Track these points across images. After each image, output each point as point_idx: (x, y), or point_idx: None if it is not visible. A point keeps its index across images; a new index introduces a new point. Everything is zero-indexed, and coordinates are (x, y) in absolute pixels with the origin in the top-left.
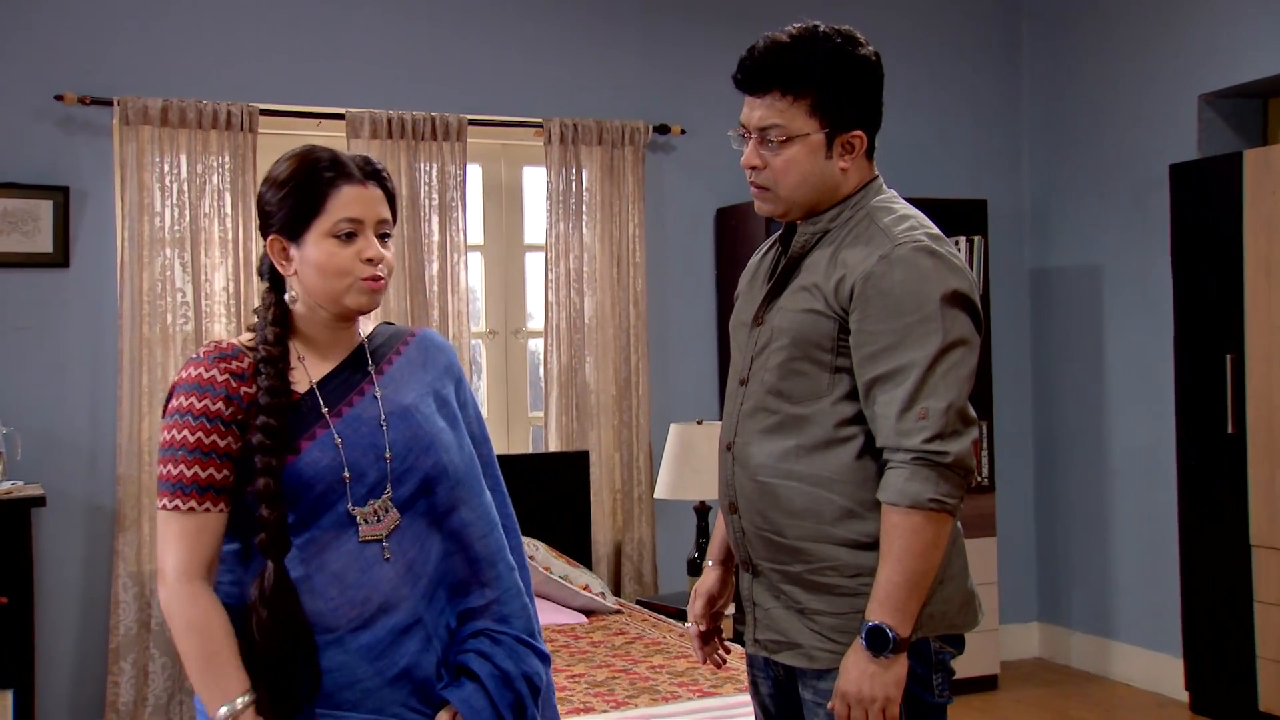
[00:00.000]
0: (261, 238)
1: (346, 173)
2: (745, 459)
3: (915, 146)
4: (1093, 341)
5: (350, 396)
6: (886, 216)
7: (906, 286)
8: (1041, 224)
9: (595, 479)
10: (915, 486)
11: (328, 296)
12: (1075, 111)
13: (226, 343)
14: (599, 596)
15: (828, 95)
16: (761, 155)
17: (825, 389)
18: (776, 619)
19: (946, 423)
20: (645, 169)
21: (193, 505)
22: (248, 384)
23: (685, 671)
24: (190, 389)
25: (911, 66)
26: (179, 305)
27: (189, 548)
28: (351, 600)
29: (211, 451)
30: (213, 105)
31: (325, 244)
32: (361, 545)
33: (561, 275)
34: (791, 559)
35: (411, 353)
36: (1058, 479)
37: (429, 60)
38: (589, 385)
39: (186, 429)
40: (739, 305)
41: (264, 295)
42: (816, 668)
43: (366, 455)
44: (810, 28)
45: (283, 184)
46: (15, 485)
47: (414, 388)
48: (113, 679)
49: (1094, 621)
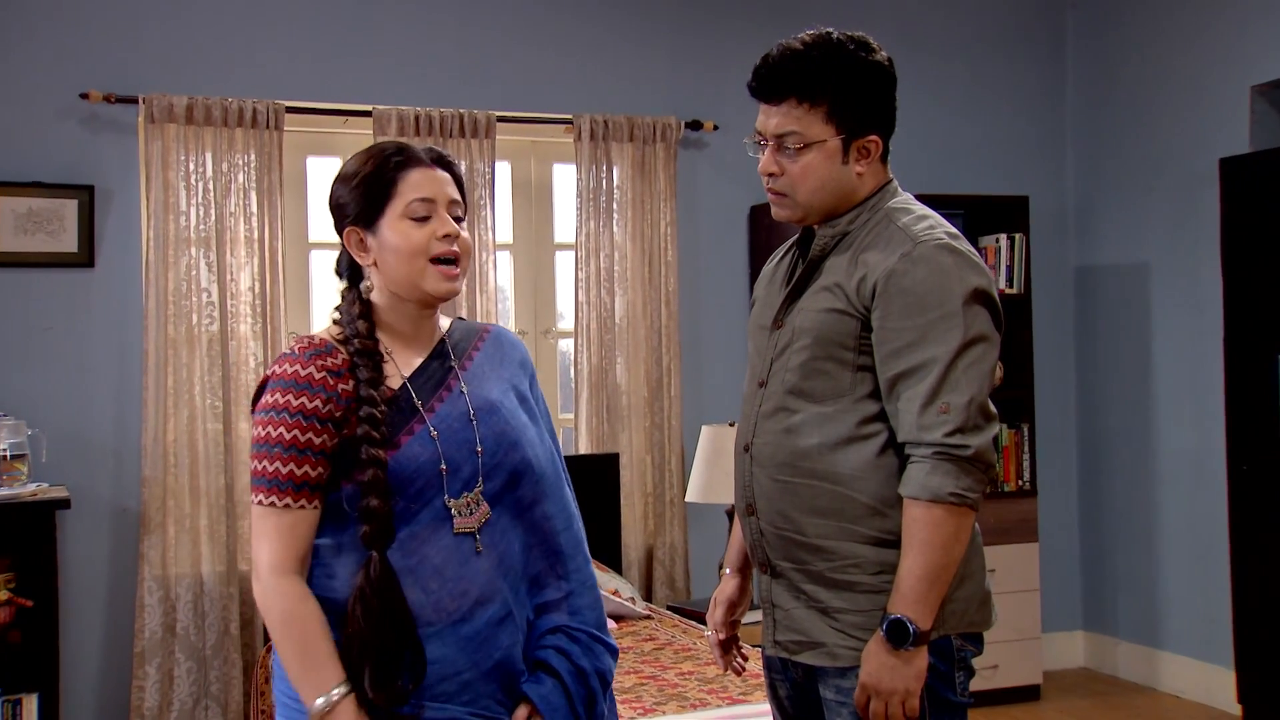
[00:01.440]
0: (338, 235)
1: (414, 156)
2: (765, 459)
3: (954, 142)
4: (1139, 342)
5: (440, 391)
6: (905, 217)
7: (929, 284)
8: (1086, 221)
9: (626, 482)
10: (936, 480)
11: (408, 280)
12: (1121, 104)
13: (319, 338)
14: (628, 602)
15: (843, 101)
16: (779, 162)
17: (848, 387)
18: (797, 619)
19: (968, 417)
20: (677, 166)
21: (288, 502)
22: (344, 380)
23: (715, 678)
24: (287, 385)
25: (949, 60)
26: (204, 305)
27: (284, 543)
28: (451, 592)
29: (307, 449)
30: (238, 103)
31: (401, 225)
32: (457, 538)
33: (592, 274)
34: (813, 557)
35: (489, 348)
36: (1103, 483)
37: (457, 56)
38: (620, 386)
39: (283, 426)
40: (756, 309)
41: (344, 293)
42: (840, 665)
43: (461, 450)
44: (824, 35)
45: (352, 177)
46: (40, 487)
47: (496, 383)
48: (137, 683)
49: (1141, 630)
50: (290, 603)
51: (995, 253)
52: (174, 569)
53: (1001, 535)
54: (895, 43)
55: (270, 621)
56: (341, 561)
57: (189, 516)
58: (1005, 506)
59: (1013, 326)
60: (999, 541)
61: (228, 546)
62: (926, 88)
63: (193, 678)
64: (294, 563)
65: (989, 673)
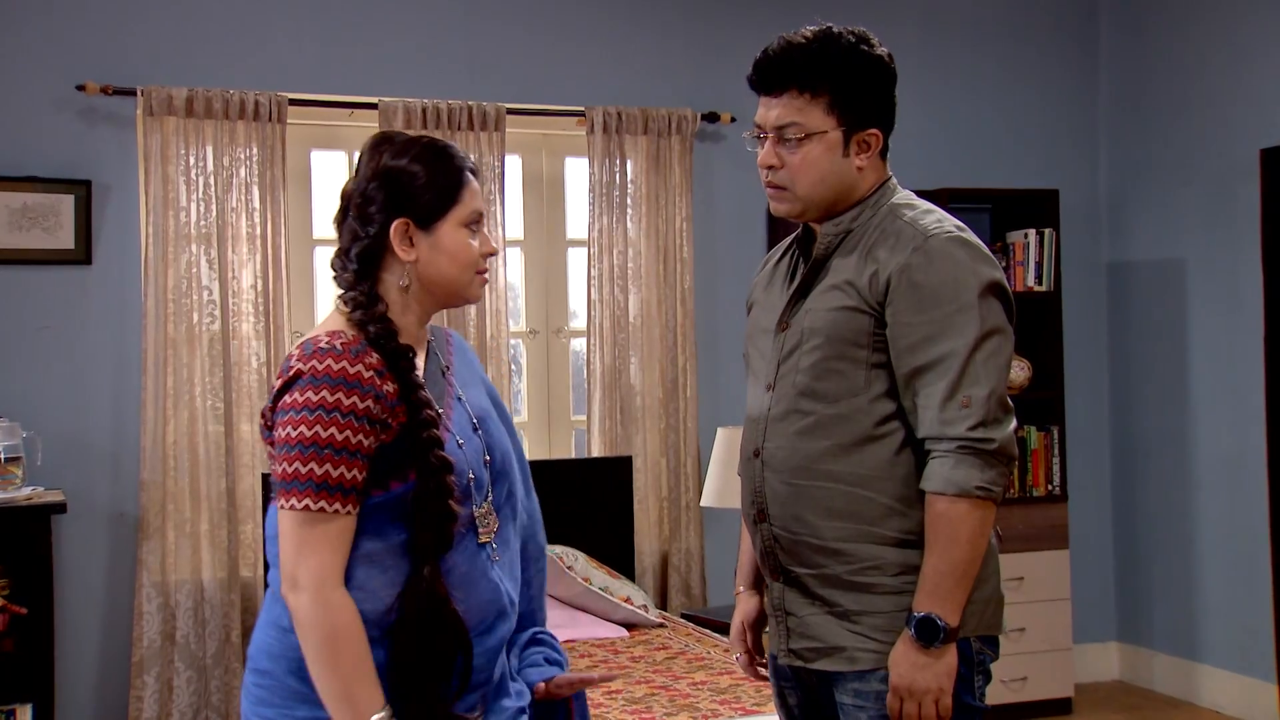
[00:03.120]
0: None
1: (472, 166)
2: (777, 463)
3: (981, 134)
4: (1175, 340)
5: (446, 399)
6: (910, 212)
7: (943, 277)
8: (1119, 215)
9: (641, 486)
10: (961, 474)
11: (452, 286)
12: (1157, 92)
13: (351, 335)
14: (641, 609)
15: (844, 93)
16: (779, 154)
17: (862, 386)
18: (813, 625)
19: (989, 410)
20: (693, 159)
21: (337, 507)
22: (386, 380)
23: (728, 688)
24: (335, 383)
25: (977, 49)
26: (205, 304)
27: (335, 552)
28: (479, 602)
29: (357, 451)
30: (240, 95)
31: (460, 234)
32: (479, 547)
33: (605, 272)
34: (830, 561)
35: (458, 353)
36: (1137, 488)
37: (466, 46)
38: (634, 387)
39: (334, 426)
40: (757, 313)
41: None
42: (859, 669)
43: (476, 458)
44: (824, 28)
45: (421, 174)
46: (35, 491)
47: (476, 389)
48: (135, 694)
49: (1178, 642)
50: (344, 618)
51: (1024, 248)
52: (174, 575)
53: (1031, 541)
54: (921, 31)
55: (316, 638)
56: (370, 572)
57: (189, 521)
58: (1035, 512)
59: (1042, 325)
60: (1028, 548)
61: (229, 552)
62: (953, 77)
63: (193, 688)
64: (342, 573)
65: (1018, 685)
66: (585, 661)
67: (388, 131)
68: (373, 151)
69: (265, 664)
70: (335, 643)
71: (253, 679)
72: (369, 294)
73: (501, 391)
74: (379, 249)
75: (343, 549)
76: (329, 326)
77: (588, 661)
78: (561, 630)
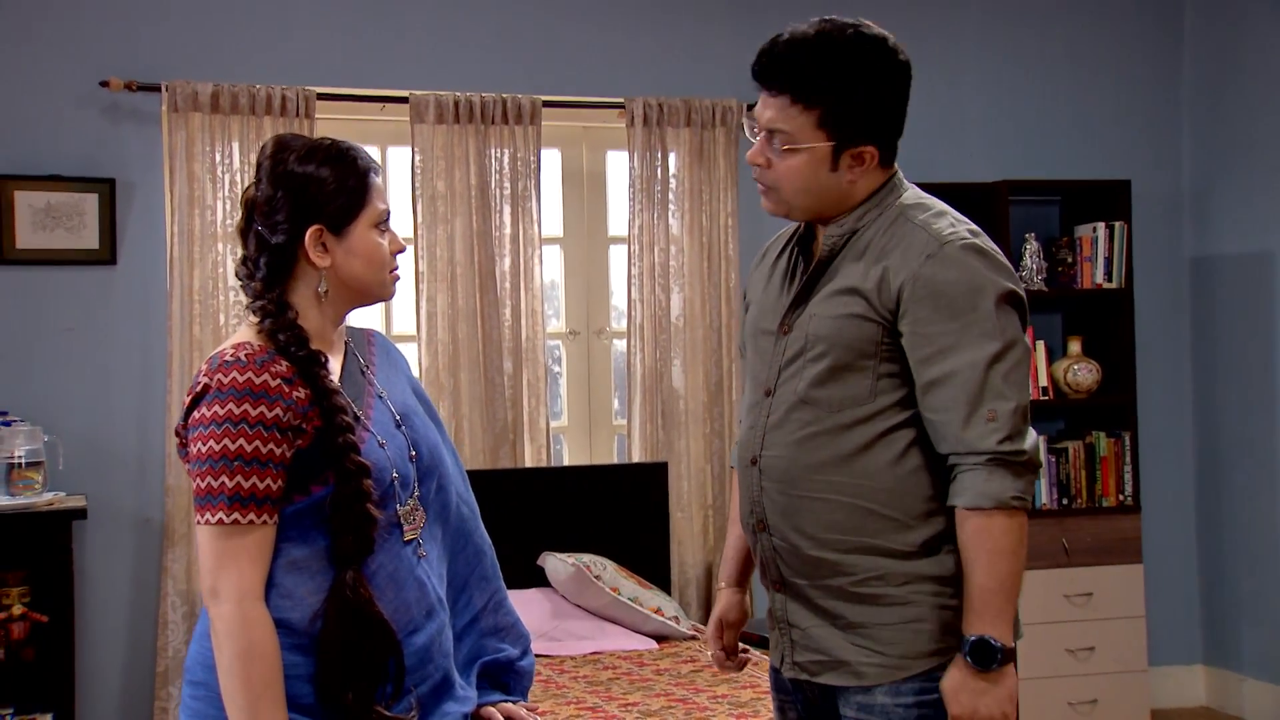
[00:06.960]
0: (294, 226)
1: (375, 166)
2: (777, 473)
3: (1048, 122)
4: (1263, 339)
5: (365, 399)
6: (922, 214)
7: (960, 287)
8: (1202, 206)
9: (684, 493)
10: (996, 486)
11: (367, 287)
12: (1246, 77)
13: (258, 345)
14: (672, 621)
15: (840, 109)
16: (767, 155)
17: (867, 396)
18: (817, 638)
19: (1015, 423)
20: (738, 152)
21: (252, 518)
22: (296, 387)
23: (749, 702)
24: (241, 395)
25: (1046, 31)
26: (231, 305)
27: (254, 563)
28: (405, 602)
29: (269, 461)
30: (266, 89)
31: (370, 235)
32: (404, 545)
33: (646, 270)
34: (833, 573)
35: (380, 352)
36: (1223, 497)
37: (499, 37)
38: (676, 390)
39: (243, 438)
40: (755, 313)
41: (267, 294)
42: (865, 684)
43: (400, 456)
44: (838, 28)
45: (328, 180)
46: (57, 496)
47: (400, 387)
48: (160, 705)
49: (1269, 665)
50: (260, 634)
51: (1091, 243)
52: (199, 584)
53: (1100, 555)
54: (986, 14)
55: (231, 651)
56: (297, 579)
57: None
58: (1104, 523)
59: (1112, 324)
60: (1096, 562)
61: None
62: (1017, 61)
63: None
64: (263, 586)
65: (1086, 708)
66: (608, 674)
67: (284, 136)
68: (275, 158)
69: (201, 675)
70: (249, 658)
71: (189, 691)
72: (278, 302)
73: (538, 396)
74: (289, 257)
75: (262, 561)
76: (237, 339)
77: (610, 674)
78: (588, 642)
